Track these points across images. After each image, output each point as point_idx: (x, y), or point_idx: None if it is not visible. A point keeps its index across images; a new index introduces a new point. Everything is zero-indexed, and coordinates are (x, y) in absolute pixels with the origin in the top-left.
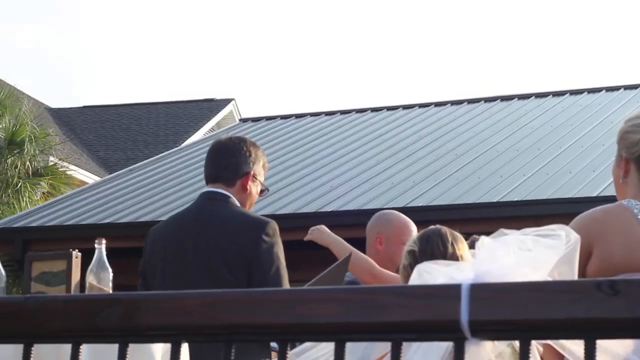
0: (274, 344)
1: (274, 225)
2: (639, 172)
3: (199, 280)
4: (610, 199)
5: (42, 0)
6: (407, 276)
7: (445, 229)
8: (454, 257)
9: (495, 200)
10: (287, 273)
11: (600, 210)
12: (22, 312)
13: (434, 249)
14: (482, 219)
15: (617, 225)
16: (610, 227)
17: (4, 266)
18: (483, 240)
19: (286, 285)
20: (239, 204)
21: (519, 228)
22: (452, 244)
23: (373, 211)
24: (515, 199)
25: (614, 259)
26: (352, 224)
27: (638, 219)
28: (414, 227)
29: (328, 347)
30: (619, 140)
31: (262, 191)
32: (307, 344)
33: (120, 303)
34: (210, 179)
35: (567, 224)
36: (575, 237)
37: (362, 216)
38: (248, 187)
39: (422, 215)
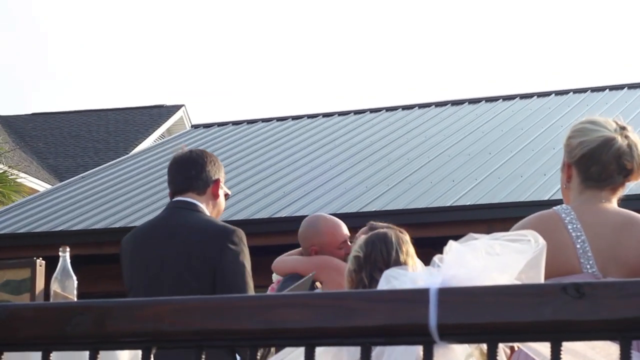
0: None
1: (240, 233)
2: (579, 175)
3: (167, 289)
4: (561, 203)
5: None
6: (352, 281)
7: (391, 234)
8: (398, 263)
9: (447, 205)
10: (252, 281)
11: (534, 217)
12: None
13: (377, 255)
14: (434, 223)
15: (543, 231)
16: (537, 233)
17: None
18: (451, 245)
19: (251, 293)
20: (207, 212)
21: (470, 232)
22: (397, 250)
23: None
24: (467, 203)
25: None
26: None
27: (565, 223)
28: (343, 228)
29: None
30: (564, 148)
31: (226, 195)
32: (282, 353)
33: (91, 310)
34: (180, 190)
35: None
36: (542, 242)
37: None
38: (218, 194)
39: (375, 220)
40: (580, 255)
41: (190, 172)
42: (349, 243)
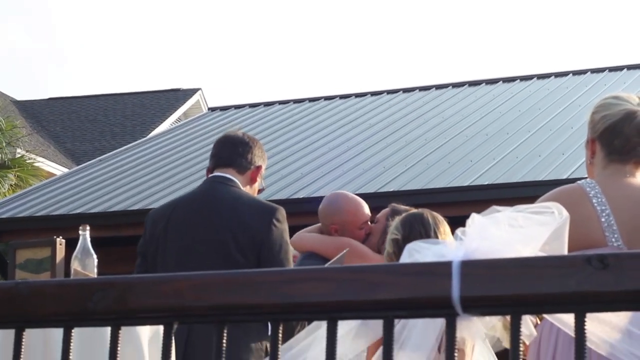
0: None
1: (283, 212)
2: (603, 149)
3: (208, 260)
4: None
5: None
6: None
7: (427, 214)
8: None
9: (465, 185)
10: (292, 257)
11: (557, 190)
12: (13, 297)
13: (415, 236)
14: (452, 203)
15: (567, 204)
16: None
17: None
18: (474, 217)
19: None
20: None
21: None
22: (435, 230)
23: None
24: (485, 183)
25: None
26: None
27: (589, 197)
28: (365, 208)
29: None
30: (587, 124)
31: (259, 190)
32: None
33: (113, 286)
34: (221, 163)
35: None
36: (565, 213)
37: None
38: (257, 179)
39: (393, 200)
40: (605, 228)
41: (237, 148)
42: (370, 224)
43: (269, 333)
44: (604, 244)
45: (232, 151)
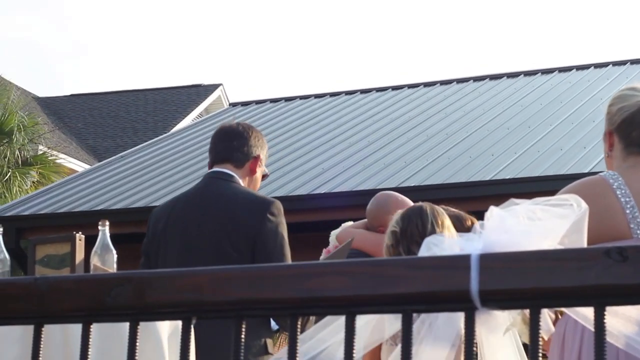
0: (274, 324)
1: (279, 205)
2: (621, 141)
3: (204, 257)
4: None
5: None
6: (391, 255)
7: (427, 207)
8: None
9: (487, 179)
10: (290, 252)
11: (579, 182)
12: (32, 292)
13: (413, 229)
14: (474, 197)
15: (590, 196)
16: (583, 198)
17: None
18: (492, 210)
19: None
20: (243, 185)
21: None
22: (432, 223)
23: (365, 192)
24: (507, 177)
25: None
26: (345, 205)
27: (613, 188)
28: None
29: (330, 339)
30: (605, 117)
31: (264, 176)
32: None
33: (131, 281)
34: (218, 159)
35: None
36: (584, 206)
37: (354, 197)
38: (256, 170)
39: (414, 195)
40: (630, 220)
41: (232, 142)
42: None
43: (273, 329)
44: (629, 236)
45: (227, 145)
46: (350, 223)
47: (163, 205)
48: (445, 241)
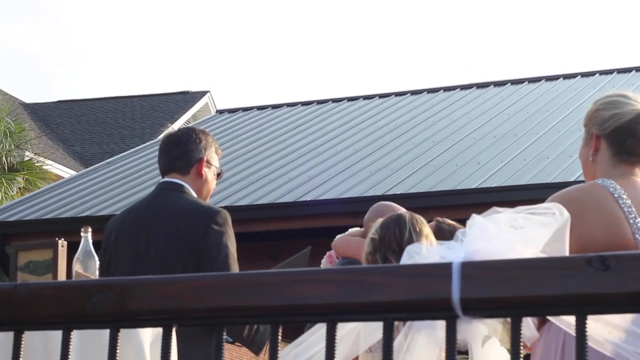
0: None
1: (225, 215)
2: (610, 148)
3: (151, 268)
4: None
5: None
6: (369, 263)
7: (406, 216)
8: (411, 244)
9: (473, 187)
10: (236, 263)
11: (575, 189)
12: (12, 299)
13: (390, 236)
14: (460, 205)
15: (594, 204)
16: (587, 207)
17: None
18: (474, 218)
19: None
20: (194, 193)
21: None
22: (410, 231)
23: (352, 200)
24: (493, 185)
25: (592, 238)
26: (331, 213)
27: (615, 197)
28: None
29: (317, 346)
30: (589, 120)
31: (218, 175)
32: (291, 345)
33: (112, 288)
34: (164, 170)
35: None
36: (566, 214)
37: (341, 205)
38: (203, 173)
39: (400, 202)
40: (635, 230)
41: (172, 152)
42: None
43: (227, 340)
44: (634, 246)
45: (169, 156)
46: (357, 229)
47: (116, 217)
48: (427, 249)
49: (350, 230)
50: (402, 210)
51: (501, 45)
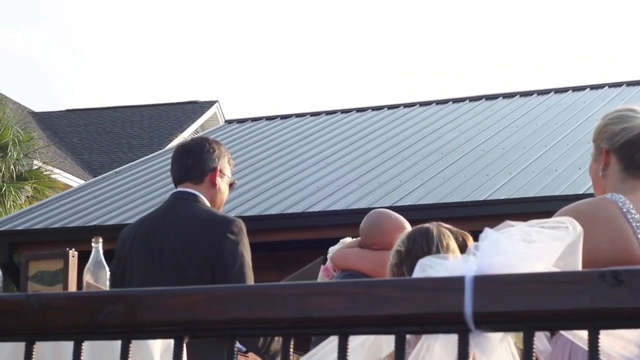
0: (239, 345)
1: (240, 224)
2: (620, 162)
3: (166, 278)
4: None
5: (24, 5)
6: (393, 275)
7: (434, 229)
8: None
9: (481, 199)
10: (252, 272)
11: (584, 203)
12: (24, 309)
13: (417, 250)
14: (468, 217)
15: (603, 218)
16: (596, 221)
17: None
18: (487, 232)
19: (250, 283)
20: (207, 202)
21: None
22: (438, 245)
23: (360, 211)
24: (502, 197)
25: (601, 253)
26: (340, 223)
27: (623, 212)
28: (407, 226)
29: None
30: (598, 135)
31: (230, 185)
32: (307, 356)
33: (124, 300)
34: (178, 180)
35: None
36: (579, 228)
37: (349, 216)
38: (217, 182)
39: (409, 214)
40: None
41: (186, 161)
42: None
43: (241, 350)
44: None
45: (182, 165)
46: (348, 239)
47: (130, 226)
48: (440, 263)
49: (344, 240)
50: (398, 217)
51: (511, 57)
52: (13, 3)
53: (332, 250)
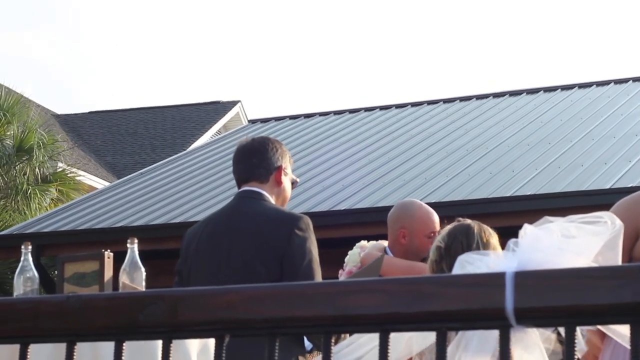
0: (307, 344)
1: (307, 220)
2: None
3: (234, 276)
4: (623, 191)
5: (44, 8)
6: (433, 271)
7: (474, 226)
8: None
9: (508, 195)
10: (319, 267)
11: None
12: (64, 310)
13: (457, 246)
14: (495, 213)
15: None
16: None
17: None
18: (526, 228)
19: (319, 279)
20: (272, 201)
21: (531, 222)
22: (478, 242)
23: (386, 209)
24: (528, 193)
25: None
26: (365, 221)
27: None
28: (436, 218)
29: (368, 346)
30: None
31: (292, 183)
32: (342, 344)
33: (164, 299)
34: (243, 179)
35: None
36: (619, 223)
37: (374, 214)
38: (282, 180)
39: (435, 211)
40: None
41: (251, 160)
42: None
43: (307, 348)
44: None
45: (248, 164)
46: (364, 242)
47: (195, 226)
48: (479, 259)
49: (365, 243)
50: (427, 208)
51: (535, 52)
52: (26, 6)
53: (351, 254)
